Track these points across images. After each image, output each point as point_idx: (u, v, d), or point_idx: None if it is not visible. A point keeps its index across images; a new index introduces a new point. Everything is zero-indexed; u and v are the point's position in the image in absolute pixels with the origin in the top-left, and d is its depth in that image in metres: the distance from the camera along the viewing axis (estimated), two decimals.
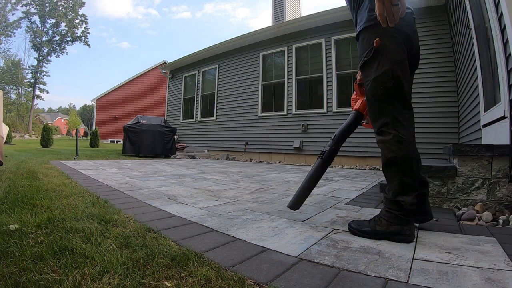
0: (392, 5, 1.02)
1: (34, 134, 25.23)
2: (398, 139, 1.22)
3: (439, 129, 4.75)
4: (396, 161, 1.23)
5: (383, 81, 1.22)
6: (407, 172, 1.22)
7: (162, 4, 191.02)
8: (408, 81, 1.27)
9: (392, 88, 1.22)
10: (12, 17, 32.97)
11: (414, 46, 1.31)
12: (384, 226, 1.24)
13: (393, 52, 1.22)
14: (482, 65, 2.76)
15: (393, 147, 1.23)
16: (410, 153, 1.23)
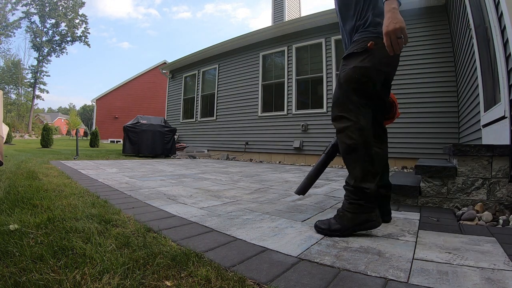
0: (397, 38, 1.18)
1: (34, 134, 25.23)
2: (359, 127, 1.29)
3: (439, 129, 4.75)
4: (357, 148, 1.28)
5: (361, 73, 1.32)
6: (367, 159, 1.27)
7: (162, 4, 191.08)
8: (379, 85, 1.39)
9: (363, 84, 1.33)
10: (12, 17, 32.97)
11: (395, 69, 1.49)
12: (350, 220, 1.27)
13: (378, 60, 1.34)
14: (482, 65, 2.76)
15: (353, 134, 1.29)
16: (368, 141, 1.29)
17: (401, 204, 1.95)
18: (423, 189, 1.88)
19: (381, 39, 1.28)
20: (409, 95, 5.04)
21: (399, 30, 1.18)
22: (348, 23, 1.49)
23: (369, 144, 1.30)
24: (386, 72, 1.41)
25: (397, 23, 1.20)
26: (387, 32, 1.20)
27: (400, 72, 5.13)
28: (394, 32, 1.19)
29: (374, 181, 1.27)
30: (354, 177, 1.29)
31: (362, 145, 1.28)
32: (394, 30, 1.19)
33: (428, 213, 1.68)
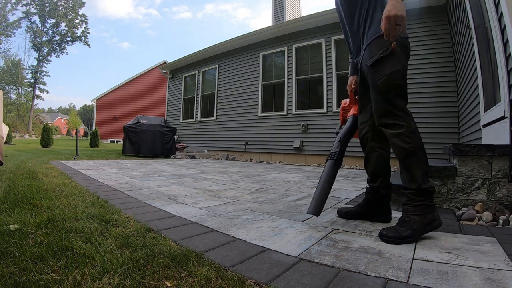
0: (396, 25, 1.20)
1: (34, 134, 25.23)
2: (412, 130, 1.30)
3: (439, 129, 4.75)
4: (415, 151, 1.29)
5: (397, 77, 1.33)
6: (424, 161, 1.30)
7: (162, 5, 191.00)
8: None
9: (402, 87, 1.35)
10: (12, 17, 32.96)
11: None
12: (419, 222, 1.24)
13: (403, 59, 1.37)
14: (482, 65, 2.76)
15: (408, 138, 1.29)
16: (420, 142, 1.31)
17: (401, 204, 1.95)
18: None
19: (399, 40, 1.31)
20: (409, 95, 4.96)
21: (400, 18, 1.20)
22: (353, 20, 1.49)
23: (423, 146, 1.32)
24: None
25: (399, 10, 1.21)
26: (388, 16, 1.20)
27: None
28: (394, 18, 1.20)
29: (428, 179, 1.30)
30: (417, 179, 1.28)
31: (419, 148, 1.30)
32: (395, 15, 1.20)
33: None
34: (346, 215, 1.58)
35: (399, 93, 1.34)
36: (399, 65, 1.34)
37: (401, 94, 1.35)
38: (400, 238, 1.22)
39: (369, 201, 1.55)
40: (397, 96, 1.34)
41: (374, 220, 1.51)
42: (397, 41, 1.32)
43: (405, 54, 1.38)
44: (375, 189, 1.52)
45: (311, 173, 4.16)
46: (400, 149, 1.32)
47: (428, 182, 1.28)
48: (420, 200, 1.27)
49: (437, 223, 1.26)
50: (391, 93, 1.34)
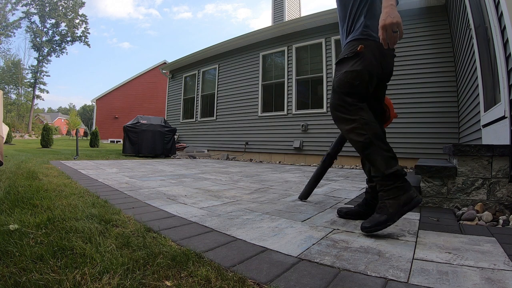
0: (393, 32, 1.24)
1: (34, 134, 25.23)
2: (365, 121, 1.34)
3: (439, 129, 4.75)
4: (371, 141, 1.32)
5: (352, 77, 1.39)
6: (384, 147, 1.32)
7: (163, 5, 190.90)
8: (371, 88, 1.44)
9: (356, 87, 1.39)
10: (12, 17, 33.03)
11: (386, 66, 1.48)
12: (394, 205, 1.26)
13: (369, 62, 1.40)
14: (482, 65, 2.76)
15: (362, 130, 1.34)
16: (375, 131, 1.34)
17: None
18: (423, 189, 1.87)
19: (371, 41, 1.38)
20: (409, 95, 5.04)
21: (396, 25, 1.23)
22: (343, 24, 1.54)
23: (379, 133, 1.34)
24: (379, 73, 1.44)
25: (394, 17, 1.24)
26: (384, 25, 1.24)
27: (400, 72, 5.13)
28: (390, 26, 1.23)
29: (397, 163, 1.31)
30: (380, 168, 1.31)
31: (374, 137, 1.32)
32: (391, 24, 1.23)
33: (428, 213, 1.68)
34: (346, 215, 1.58)
35: (351, 92, 1.39)
36: (360, 67, 1.38)
37: (353, 92, 1.39)
38: (378, 224, 1.26)
39: (369, 201, 1.55)
40: (349, 94, 1.39)
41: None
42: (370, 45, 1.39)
43: (376, 58, 1.40)
44: (374, 189, 1.52)
45: (311, 173, 4.16)
46: (357, 143, 1.36)
47: (393, 166, 1.29)
48: (389, 184, 1.29)
49: (416, 200, 1.25)
50: (343, 90, 1.41)
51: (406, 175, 1.30)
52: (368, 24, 1.43)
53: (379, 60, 1.42)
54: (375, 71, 1.41)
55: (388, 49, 1.40)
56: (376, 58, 1.41)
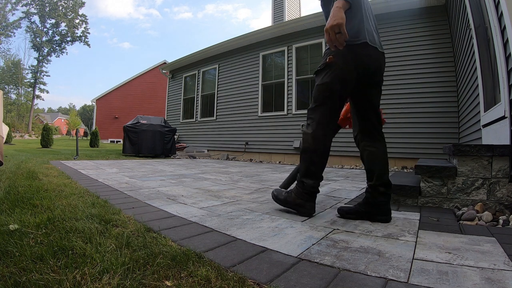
0: (336, 33, 1.30)
1: (34, 134, 25.23)
2: (314, 136, 1.55)
3: (439, 129, 4.75)
4: (307, 151, 1.57)
5: (322, 90, 1.53)
6: (313, 162, 1.55)
7: (163, 5, 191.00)
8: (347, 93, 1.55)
9: (326, 98, 1.52)
10: (12, 17, 33.02)
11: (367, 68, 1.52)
12: (292, 198, 1.61)
13: (339, 70, 1.48)
14: (482, 65, 2.76)
15: (309, 140, 1.56)
16: (320, 149, 1.54)
17: (401, 204, 1.95)
18: (423, 189, 1.88)
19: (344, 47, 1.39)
20: (409, 95, 5.04)
21: (336, 26, 1.28)
22: None
23: (319, 152, 1.55)
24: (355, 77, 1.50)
25: (336, 19, 1.28)
26: (326, 29, 1.31)
27: (400, 72, 5.14)
28: (332, 29, 1.29)
29: (313, 180, 1.55)
30: (301, 171, 1.59)
31: (311, 151, 1.55)
32: (332, 26, 1.29)
33: (428, 213, 1.68)
34: (347, 214, 1.58)
35: (320, 101, 1.54)
36: (328, 78, 1.49)
37: (323, 101, 1.53)
38: (277, 198, 1.70)
39: (369, 200, 1.56)
40: (318, 106, 1.55)
41: (374, 220, 1.52)
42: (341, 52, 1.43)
43: (348, 63, 1.46)
44: (373, 188, 1.54)
45: None
46: (301, 144, 1.64)
47: (308, 179, 1.55)
48: (299, 186, 1.59)
49: (302, 210, 1.57)
50: (314, 102, 1.58)
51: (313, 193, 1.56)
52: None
53: (354, 63, 1.47)
54: (349, 76, 1.49)
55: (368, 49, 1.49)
56: (349, 63, 1.47)
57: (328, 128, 1.55)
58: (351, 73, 1.48)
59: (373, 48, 1.52)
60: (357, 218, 1.56)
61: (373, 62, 1.53)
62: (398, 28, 5.27)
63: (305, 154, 1.57)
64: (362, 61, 1.48)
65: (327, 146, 1.56)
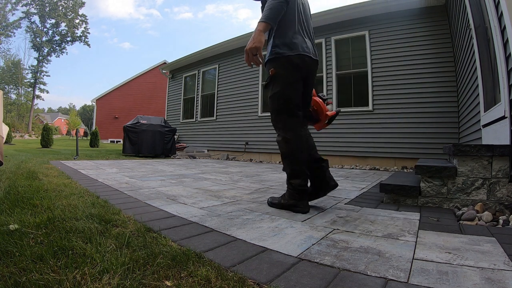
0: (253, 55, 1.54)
1: (34, 134, 25.24)
2: (286, 140, 1.71)
3: (439, 129, 4.75)
4: (287, 156, 1.73)
5: (276, 99, 1.71)
6: (294, 163, 1.70)
7: (164, 5, 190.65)
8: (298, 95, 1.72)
9: (282, 104, 1.69)
10: (12, 17, 33.00)
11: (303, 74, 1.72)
12: (286, 200, 1.73)
13: (284, 77, 1.67)
14: (482, 65, 2.76)
15: (283, 145, 1.73)
16: (295, 149, 1.70)
17: (401, 204, 1.95)
18: (423, 189, 1.88)
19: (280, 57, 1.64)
20: (409, 95, 5.04)
21: (254, 49, 1.51)
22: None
23: (295, 152, 1.69)
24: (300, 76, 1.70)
25: (255, 43, 1.50)
26: (246, 49, 1.54)
27: (400, 72, 5.14)
28: (250, 50, 1.52)
29: (300, 178, 1.67)
30: (289, 175, 1.73)
31: (289, 154, 1.71)
32: (250, 48, 1.51)
33: (428, 213, 1.68)
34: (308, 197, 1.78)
35: (279, 110, 1.72)
36: (278, 87, 1.68)
37: (281, 109, 1.71)
38: (272, 203, 1.83)
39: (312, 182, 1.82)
40: (278, 112, 1.73)
41: (325, 193, 1.83)
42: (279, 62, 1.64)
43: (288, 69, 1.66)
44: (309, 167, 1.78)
45: None
46: (281, 151, 1.78)
47: (295, 179, 1.68)
48: (289, 188, 1.73)
49: (297, 209, 1.67)
50: (273, 112, 1.76)
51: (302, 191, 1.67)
52: (277, 43, 1.67)
53: (296, 69, 1.67)
54: (294, 79, 1.68)
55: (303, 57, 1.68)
56: (292, 69, 1.67)
57: (295, 129, 1.71)
58: (295, 76, 1.68)
59: (307, 57, 1.71)
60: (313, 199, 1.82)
61: (306, 69, 1.73)
62: (398, 28, 5.27)
63: (285, 159, 1.74)
64: (299, 67, 1.68)
65: (300, 145, 1.71)
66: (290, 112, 1.69)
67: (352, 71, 5.78)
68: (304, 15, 1.76)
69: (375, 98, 5.40)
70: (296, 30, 1.68)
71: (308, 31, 1.77)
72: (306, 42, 1.71)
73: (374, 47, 5.48)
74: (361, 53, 5.66)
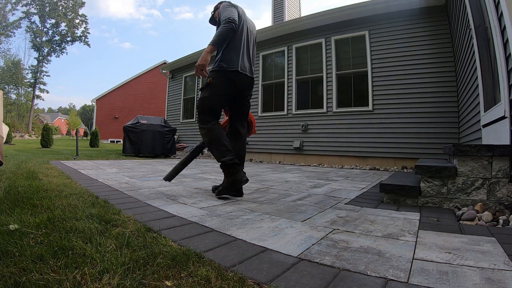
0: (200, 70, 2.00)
1: (34, 134, 25.24)
2: (208, 129, 2.11)
3: (439, 129, 4.75)
4: (211, 141, 2.09)
5: (205, 101, 2.15)
6: (219, 144, 2.05)
7: (164, 5, 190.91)
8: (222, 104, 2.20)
9: (207, 107, 2.14)
10: (12, 17, 32.91)
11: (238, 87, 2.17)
12: (226, 182, 2.03)
13: (217, 87, 2.10)
14: (482, 65, 2.76)
15: (208, 134, 2.11)
16: (217, 134, 2.08)
17: (401, 204, 1.95)
18: (423, 189, 1.88)
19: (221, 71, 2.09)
20: (409, 95, 5.04)
21: (201, 66, 1.97)
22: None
23: (216, 137, 2.06)
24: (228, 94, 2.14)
25: (202, 61, 1.96)
26: (196, 65, 1.99)
27: (400, 72, 5.14)
28: (199, 67, 1.98)
29: (228, 155, 2.00)
30: (217, 157, 2.05)
31: (213, 139, 2.07)
32: (199, 65, 1.98)
33: (428, 213, 1.68)
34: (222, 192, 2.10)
35: (202, 111, 2.16)
36: (207, 94, 2.11)
37: (205, 111, 2.15)
38: (218, 193, 2.07)
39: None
40: (202, 113, 2.16)
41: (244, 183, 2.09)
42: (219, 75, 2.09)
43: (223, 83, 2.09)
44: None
45: (311, 173, 4.16)
46: (205, 141, 2.15)
47: (223, 158, 2.00)
48: (223, 168, 2.03)
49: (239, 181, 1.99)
50: (199, 110, 2.19)
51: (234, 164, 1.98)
52: (221, 59, 2.09)
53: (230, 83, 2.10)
54: (224, 92, 2.12)
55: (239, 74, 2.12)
56: (223, 83, 2.09)
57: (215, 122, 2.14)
58: (226, 89, 2.12)
59: (243, 74, 2.16)
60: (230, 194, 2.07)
61: (241, 83, 2.16)
62: (398, 28, 5.27)
63: (211, 144, 2.09)
64: (233, 82, 2.12)
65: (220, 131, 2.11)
66: (212, 112, 2.14)
67: (352, 71, 5.78)
68: (247, 42, 2.23)
69: (375, 98, 5.41)
70: (239, 53, 2.14)
71: (249, 55, 2.25)
72: (245, 63, 2.18)
73: (374, 47, 5.48)
74: (361, 53, 5.65)
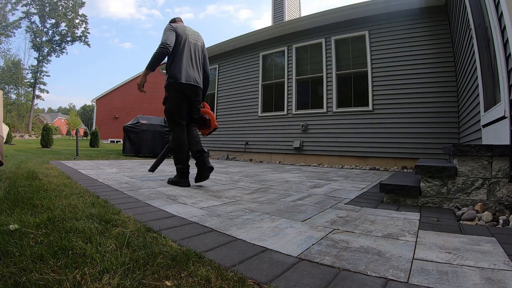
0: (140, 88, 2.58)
1: (34, 134, 25.24)
2: (174, 138, 2.61)
3: (439, 129, 4.75)
4: (175, 149, 2.59)
5: (166, 113, 2.63)
6: (178, 153, 2.59)
7: (165, 5, 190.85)
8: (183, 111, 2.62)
9: (170, 116, 2.61)
10: (12, 17, 32.99)
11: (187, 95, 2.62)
12: (175, 178, 2.62)
13: (172, 99, 2.58)
14: (482, 65, 2.76)
15: (173, 142, 2.61)
16: (179, 145, 2.58)
17: (401, 204, 1.95)
18: (423, 189, 1.88)
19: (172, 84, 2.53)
20: (409, 95, 5.04)
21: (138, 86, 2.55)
22: None
23: (179, 147, 2.57)
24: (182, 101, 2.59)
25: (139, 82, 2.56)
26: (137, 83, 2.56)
27: (400, 72, 5.14)
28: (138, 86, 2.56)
29: (181, 164, 2.57)
30: (174, 162, 2.61)
31: (176, 148, 2.59)
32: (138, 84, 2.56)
33: (428, 213, 1.68)
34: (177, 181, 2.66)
35: (169, 119, 2.63)
36: (167, 105, 2.60)
37: (171, 120, 2.61)
38: (169, 182, 2.68)
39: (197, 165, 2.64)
40: (169, 120, 2.64)
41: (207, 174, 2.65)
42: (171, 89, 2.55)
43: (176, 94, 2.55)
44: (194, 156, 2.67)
45: (311, 173, 4.16)
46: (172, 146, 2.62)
47: (177, 165, 2.59)
48: (177, 170, 2.59)
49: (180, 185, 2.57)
50: (167, 120, 2.65)
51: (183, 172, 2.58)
52: (170, 75, 2.53)
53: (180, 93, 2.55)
54: (178, 100, 2.57)
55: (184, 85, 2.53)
56: (177, 93, 2.55)
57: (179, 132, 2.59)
58: (180, 98, 2.57)
59: (188, 84, 2.56)
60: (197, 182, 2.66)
61: (189, 92, 2.59)
62: (398, 28, 5.27)
63: (174, 151, 2.60)
64: (182, 92, 2.56)
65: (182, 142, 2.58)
66: (175, 121, 2.59)
67: (352, 71, 5.78)
68: (192, 54, 2.62)
69: (375, 98, 5.41)
70: (181, 68, 2.51)
71: (196, 65, 2.65)
72: (190, 73, 2.56)
73: (374, 47, 5.48)
74: (361, 53, 5.65)
